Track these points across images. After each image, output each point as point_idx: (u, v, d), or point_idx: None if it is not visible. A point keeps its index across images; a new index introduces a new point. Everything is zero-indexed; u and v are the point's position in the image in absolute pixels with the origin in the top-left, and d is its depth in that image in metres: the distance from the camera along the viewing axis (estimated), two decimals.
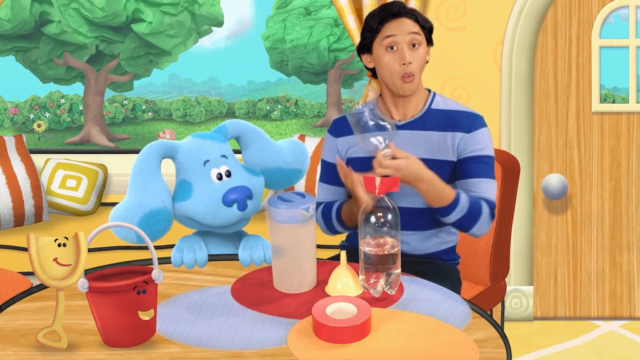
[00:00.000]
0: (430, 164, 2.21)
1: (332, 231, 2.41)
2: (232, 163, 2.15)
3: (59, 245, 1.61)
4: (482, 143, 2.25)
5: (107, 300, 1.60)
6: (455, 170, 2.28)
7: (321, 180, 2.45)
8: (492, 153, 2.27)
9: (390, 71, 2.24)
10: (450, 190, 2.14)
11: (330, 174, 2.41)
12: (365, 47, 2.30)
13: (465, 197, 2.16)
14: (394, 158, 2.03)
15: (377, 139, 2.01)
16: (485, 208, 2.19)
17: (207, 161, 2.11)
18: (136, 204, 2.05)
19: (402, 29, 2.22)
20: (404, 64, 2.22)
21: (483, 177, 2.24)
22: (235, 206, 2.07)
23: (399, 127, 2.30)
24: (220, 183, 2.09)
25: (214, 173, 2.11)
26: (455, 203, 2.14)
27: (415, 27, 2.24)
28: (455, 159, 2.27)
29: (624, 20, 3.45)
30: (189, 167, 2.12)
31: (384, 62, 2.25)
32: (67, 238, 1.62)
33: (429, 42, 2.30)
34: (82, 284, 1.59)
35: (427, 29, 2.28)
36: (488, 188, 2.23)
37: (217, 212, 2.08)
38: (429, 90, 2.37)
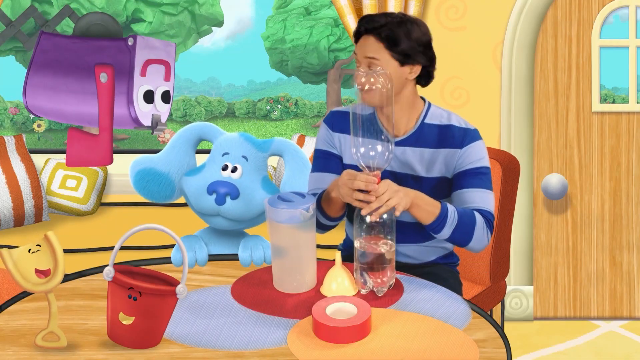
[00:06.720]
0: (425, 181, 2.19)
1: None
2: (249, 167, 2.19)
3: (33, 252, 1.62)
4: (476, 156, 2.17)
5: (125, 296, 1.60)
6: (450, 187, 2.22)
7: (312, 171, 2.33)
8: (487, 164, 2.19)
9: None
10: (434, 203, 2.04)
11: (321, 163, 2.30)
12: None
13: (453, 208, 2.06)
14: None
15: (372, 152, 1.93)
16: (478, 217, 2.09)
17: (226, 153, 2.20)
18: (150, 158, 2.23)
19: (362, 50, 2.13)
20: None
21: (478, 188, 2.14)
22: (213, 197, 2.13)
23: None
24: (221, 174, 2.17)
25: (223, 164, 2.19)
26: (443, 214, 2.03)
27: (375, 50, 2.11)
28: (450, 176, 2.21)
29: (624, 20, 3.45)
30: (214, 153, 2.25)
31: None
32: (39, 245, 1.63)
33: (405, 61, 2.14)
34: (108, 272, 1.60)
35: (399, 48, 2.11)
36: (483, 198, 2.13)
37: (199, 196, 2.17)
38: (424, 100, 2.29)
